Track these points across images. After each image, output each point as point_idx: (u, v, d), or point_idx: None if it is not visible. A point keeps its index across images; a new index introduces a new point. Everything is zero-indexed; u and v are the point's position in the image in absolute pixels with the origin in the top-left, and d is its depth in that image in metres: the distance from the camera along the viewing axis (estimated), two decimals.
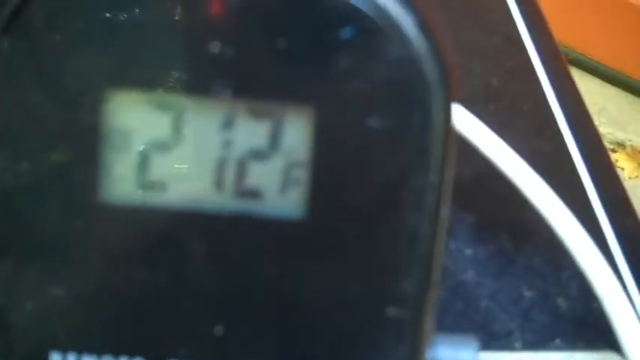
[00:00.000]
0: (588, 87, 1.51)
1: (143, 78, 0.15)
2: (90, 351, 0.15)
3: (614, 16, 1.48)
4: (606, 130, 1.45)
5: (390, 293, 0.15)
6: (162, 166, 0.15)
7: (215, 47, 0.14)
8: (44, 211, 0.15)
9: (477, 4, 0.41)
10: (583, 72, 1.53)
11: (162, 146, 0.15)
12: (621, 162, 1.40)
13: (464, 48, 0.37)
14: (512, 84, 0.36)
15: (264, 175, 0.15)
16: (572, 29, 1.43)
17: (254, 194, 0.15)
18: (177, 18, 0.14)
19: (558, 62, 0.38)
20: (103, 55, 0.15)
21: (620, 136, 1.46)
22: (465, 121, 0.29)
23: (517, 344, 0.25)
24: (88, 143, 0.15)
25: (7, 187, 0.15)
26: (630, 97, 1.54)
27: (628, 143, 1.45)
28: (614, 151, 1.43)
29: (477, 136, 0.28)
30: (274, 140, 0.15)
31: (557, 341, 0.26)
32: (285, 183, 0.15)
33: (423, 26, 0.14)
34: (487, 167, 0.27)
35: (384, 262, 0.15)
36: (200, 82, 0.15)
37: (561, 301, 0.27)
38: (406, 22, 0.14)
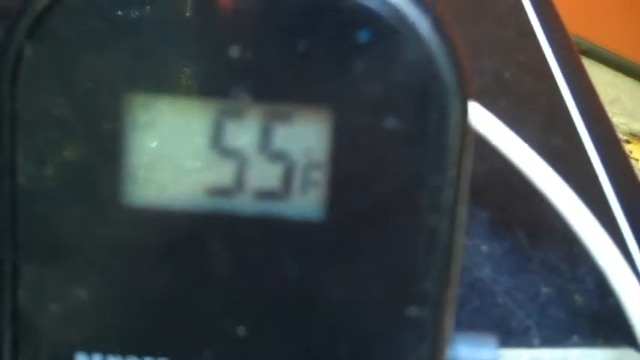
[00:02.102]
0: (601, 77, 1.50)
1: (164, 81, 0.15)
2: (115, 352, 0.16)
3: (627, 6, 1.47)
4: (620, 120, 1.44)
5: (410, 293, 0.15)
6: (183, 170, 0.15)
7: (235, 51, 0.14)
8: (68, 214, 0.15)
9: None
10: (596, 62, 1.52)
11: (183, 149, 0.15)
12: (635, 153, 1.39)
13: (475, 41, 0.37)
14: (524, 78, 0.36)
15: (284, 177, 0.15)
16: (585, 19, 1.42)
17: (274, 195, 0.15)
18: (197, 23, 0.15)
19: (571, 55, 0.38)
20: (125, 59, 0.15)
21: (635, 126, 1.44)
22: (478, 116, 0.29)
23: (535, 341, 0.25)
24: (110, 147, 0.15)
25: (32, 191, 0.15)
26: None
27: None
28: (628, 142, 1.42)
29: (490, 130, 0.28)
30: (293, 142, 0.15)
31: (575, 338, 0.26)
32: (305, 184, 0.15)
33: (438, 27, 0.14)
34: (501, 162, 0.27)
35: (404, 262, 0.15)
36: (220, 85, 0.15)
37: (578, 298, 0.27)
38: (422, 23, 0.14)
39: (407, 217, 0.15)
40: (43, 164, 0.15)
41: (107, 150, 0.15)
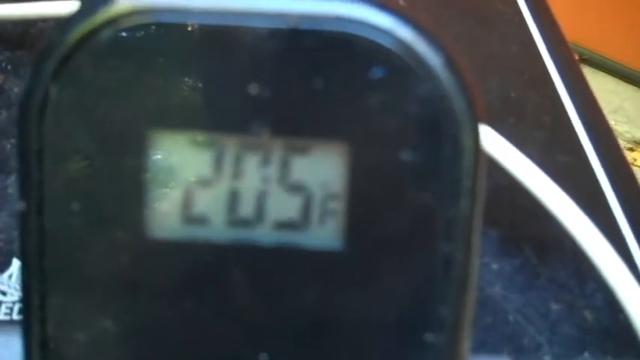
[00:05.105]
0: (604, 86, 1.51)
1: (186, 119, 0.15)
2: None
3: (628, 14, 1.48)
4: (623, 128, 1.45)
5: (426, 320, 0.15)
6: (205, 202, 0.16)
7: (253, 89, 0.15)
8: (94, 248, 0.16)
9: (491, 15, 0.42)
10: (599, 71, 1.53)
11: (205, 183, 0.16)
12: (639, 160, 1.39)
13: (479, 60, 0.38)
14: (529, 96, 0.37)
15: (303, 208, 0.16)
16: (587, 28, 1.43)
17: (293, 226, 0.16)
18: (217, 63, 0.15)
19: (575, 72, 0.38)
20: (148, 98, 0.15)
21: (638, 134, 1.45)
22: (485, 136, 0.29)
23: (546, 358, 0.26)
24: (134, 183, 0.16)
25: (59, 225, 0.16)
26: None
27: None
28: (631, 149, 1.42)
29: (497, 150, 0.29)
30: (311, 175, 0.15)
31: (586, 354, 0.26)
32: (323, 215, 0.16)
33: (450, 63, 0.15)
34: (509, 181, 0.28)
35: (420, 290, 0.15)
36: (240, 122, 0.15)
37: (588, 314, 0.27)
38: (434, 60, 0.15)
39: (423, 245, 0.15)
40: (69, 200, 0.16)
41: (131, 185, 0.16)
